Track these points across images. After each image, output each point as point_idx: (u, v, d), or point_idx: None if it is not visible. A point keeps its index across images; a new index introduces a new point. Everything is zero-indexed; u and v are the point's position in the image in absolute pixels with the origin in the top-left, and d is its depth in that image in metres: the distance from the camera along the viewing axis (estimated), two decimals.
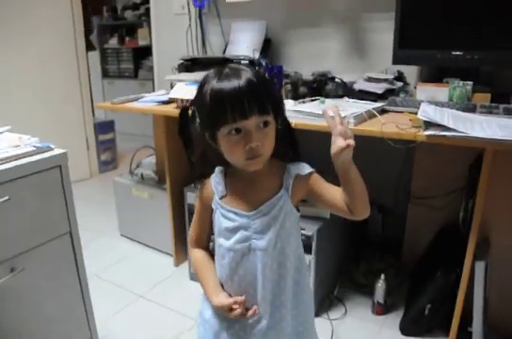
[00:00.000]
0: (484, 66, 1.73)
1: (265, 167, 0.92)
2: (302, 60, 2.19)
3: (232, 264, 0.95)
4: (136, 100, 2.01)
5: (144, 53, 4.50)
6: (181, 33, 2.48)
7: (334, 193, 0.90)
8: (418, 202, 1.90)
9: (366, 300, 1.85)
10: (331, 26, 2.11)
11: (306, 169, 0.95)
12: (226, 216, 0.94)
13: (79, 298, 1.35)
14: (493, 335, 1.59)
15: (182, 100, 1.78)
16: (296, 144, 0.98)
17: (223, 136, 0.85)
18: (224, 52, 2.32)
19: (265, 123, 0.85)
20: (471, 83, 1.63)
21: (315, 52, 2.16)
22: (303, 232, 1.61)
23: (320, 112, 1.39)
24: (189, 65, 2.16)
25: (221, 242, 0.96)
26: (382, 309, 1.78)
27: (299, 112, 1.44)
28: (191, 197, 1.87)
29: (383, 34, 1.94)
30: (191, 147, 0.95)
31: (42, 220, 1.21)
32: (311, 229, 1.63)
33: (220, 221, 0.96)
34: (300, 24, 2.20)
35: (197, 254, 1.07)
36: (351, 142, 0.78)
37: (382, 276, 1.75)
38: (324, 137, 0.89)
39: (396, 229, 2.05)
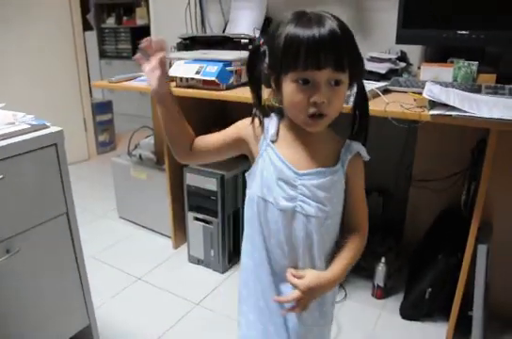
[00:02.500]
0: (489, 46, 1.69)
1: (324, 131, 0.86)
2: None
3: (272, 221, 0.87)
4: (134, 79, 1.97)
5: (142, 33, 4.35)
6: (179, 11, 2.42)
7: (352, 207, 0.91)
8: (419, 185, 1.87)
9: (366, 284, 1.84)
10: (334, 5, 2.06)
11: (364, 150, 0.88)
12: (274, 163, 0.85)
13: (76, 280, 1.34)
14: (493, 321, 1.59)
15: (181, 78, 1.74)
16: (367, 117, 0.89)
17: (289, 82, 0.78)
18: (224, 30, 2.27)
19: (337, 82, 0.78)
20: (476, 63, 1.60)
21: None
22: None
23: None
24: (188, 44, 2.11)
25: (264, 193, 0.86)
26: (382, 292, 1.78)
27: None
28: (190, 178, 1.85)
29: (387, 13, 1.89)
30: (256, 86, 0.88)
31: (38, 200, 1.18)
32: None
33: (267, 168, 0.86)
34: (302, 3, 2.13)
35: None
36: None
37: (382, 259, 1.74)
38: None
39: (397, 212, 2.03)
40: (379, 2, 1.94)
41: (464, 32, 1.63)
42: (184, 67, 1.71)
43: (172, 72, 1.73)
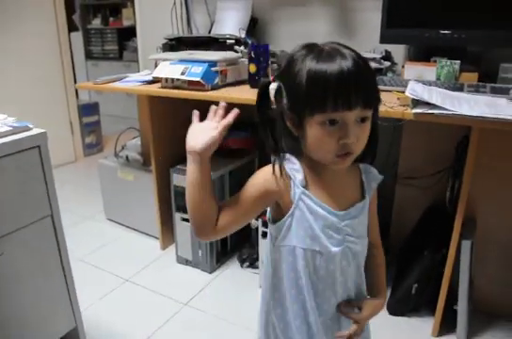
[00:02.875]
0: (471, 45, 1.71)
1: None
2: (289, 40, 2.15)
3: (321, 269, 0.82)
4: (120, 80, 1.96)
5: (129, 34, 4.38)
6: (165, 12, 2.42)
7: (373, 224, 0.92)
8: (405, 183, 1.89)
9: None
10: (319, 5, 2.07)
11: (379, 176, 0.88)
12: (314, 211, 0.79)
13: (62, 282, 1.33)
14: (478, 313, 1.61)
15: (166, 79, 1.74)
16: (377, 143, 0.84)
17: (315, 124, 0.72)
18: (210, 31, 2.27)
19: (364, 119, 0.73)
20: (458, 62, 1.62)
21: (303, 31, 2.12)
22: None
23: None
24: (174, 45, 2.11)
25: (308, 243, 0.80)
26: None
27: None
28: (177, 178, 1.85)
29: (371, 13, 1.91)
30: (270, 127, 0.79)
31: (22, 203, 1.18)
32: None
33: (307, 219, 0.79)
34: (288, 3, 2.15)
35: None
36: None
37: None
38: None
39: (384, 209, 2.04)
40: (363, 2, 1.96)
41: (446, 32, 1.65)
42: (170, 68, 1.71)
43: (157, 72, 1.73)
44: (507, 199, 1.53)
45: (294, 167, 0.80)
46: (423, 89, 1.38)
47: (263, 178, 0.80)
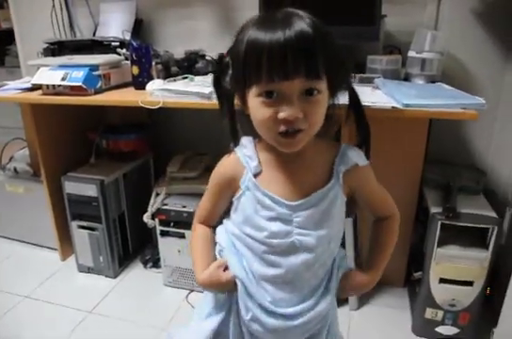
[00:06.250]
0: (342, 40, 1.83)
1: (311, 145, 0.74)
2: (175, 40, 2.17)
3: (263, 259, 0.77)
4: None
5: (9, 37, 4.11)
6: (45, 15, 2.32)
7: (376, 204, 0.86)
8: None
9: None
10: (202, 6, 2.11)
11: (362, 157, 0.78)
12: (261, 201, 0.74)
13: None
14: None
15: (47, 86, 1.68)
16: (365, 124, 0.78)
17: (253, 97, 0.67)
18: (94, 34, 2.22)
19: (312, 91, 0.66)
20: None
21: (188, 31, 2.15)
22: None
23: (188, 89, 1.40)
24: (55, 49, 2.04)
25: (249, 232, 0.77)
26: None
27: (168, 90, 1.44)
28: (69, 186, 1.79)
29: (250, 12, 1.97)
30: (226, 104, 0.76)
31: None
32: None
33: (251, 207, 0.75)
34: (172, 4, 2.16)
35: (200, 229, 0.88)
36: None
37: None
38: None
39: None
40: (242, 2, 2.02)
41: None
42: (49, 73, 1.66)
43: (36, 79, 1.67)
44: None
45: (247, 152, 0.76)
46: None
47: (222, 165, 0.81)
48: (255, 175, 0.75)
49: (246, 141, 0.79)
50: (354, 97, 0.78)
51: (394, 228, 0.88)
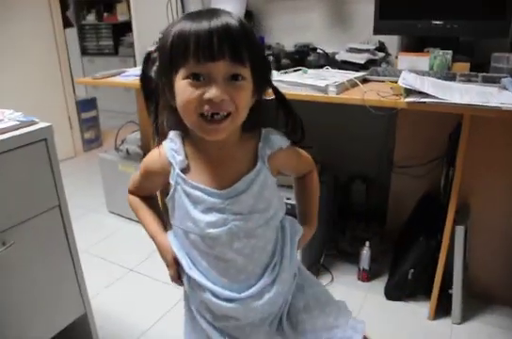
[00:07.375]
0: (463, 36, 1.75)
1: (236, 135, 0.78)
2: (285, 32, 2.18)
3: (205, 249, 0.80)
4: (118, 74, 2.00)
5: (124, 29, 4.40)
6: (161, 7, 2.44)
7: (299, 170, 0.94)
8: (400, 171, 1.94)
9: (352, 268, 1.91)
10: None
11: (285, 140, 0.81)
12: (191, 194, 0.77)
13: (71, 271, 1.37)
14: (472, 297, 1.66)
15: None
16: (294, 115, 0.81)
17: (180, 80, 0.68)
18: None
19: (237, 76, 0.69)
20: (450, 52, 1.65)
21: (298, 23, 2.15)
22: (288, 201, 1.63)
23: (303, 81, 1.41)
24: None
25: (188, 227, 0.79)
26: (367, 275, 1.84)
27: (281, 82, 1.45)
28: None
29: (364, 5, 1.94)
30: (152, 99, 0.78)
31: (31, 194, 1.22)
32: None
33: (185, 201, 0.78)
34: None
35: (135, 199, 0.96)
36: None
37: (367, 243, 1.80)
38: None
39: (380, 198, 2.10)
40: None
41: (438, 22, 1.69)
42: None
43: None
44: (499, 185, 1.58)
45: (174, 147, 0.78)
46: (415, 79, 1.42)
47: (149, 158, 0.83)
48: (183, 170, 0.78)
49: (173, 135, 0.80)
50: (278, 94, 0.81)
51: (315, 178, 0.95)
